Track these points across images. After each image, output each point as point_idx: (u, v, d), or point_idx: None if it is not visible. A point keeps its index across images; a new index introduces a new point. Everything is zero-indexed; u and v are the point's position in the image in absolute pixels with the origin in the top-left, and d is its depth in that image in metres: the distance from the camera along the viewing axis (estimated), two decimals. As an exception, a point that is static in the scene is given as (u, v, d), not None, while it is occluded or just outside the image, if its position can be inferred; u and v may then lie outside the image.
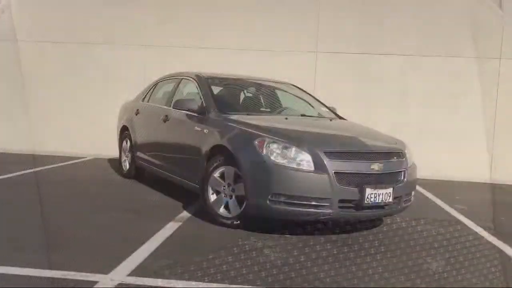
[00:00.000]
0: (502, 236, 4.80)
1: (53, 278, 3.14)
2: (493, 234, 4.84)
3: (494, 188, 8.01)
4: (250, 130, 4.49)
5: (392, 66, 9.17)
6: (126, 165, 6.98)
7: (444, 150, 9.01)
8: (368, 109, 9.14)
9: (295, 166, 4.11)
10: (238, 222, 4.47)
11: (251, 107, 5.67)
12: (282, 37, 9.35)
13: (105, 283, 3.11)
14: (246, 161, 4.27)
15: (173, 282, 3.18)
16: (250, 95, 5.97)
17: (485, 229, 5.05)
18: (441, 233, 4.84)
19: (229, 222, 4.52)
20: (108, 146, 9.50)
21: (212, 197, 4.67)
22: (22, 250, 3.62)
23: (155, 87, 6.78)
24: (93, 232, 4.24)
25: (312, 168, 4.10)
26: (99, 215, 4.80)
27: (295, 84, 6.47)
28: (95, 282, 3.11)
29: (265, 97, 5.90)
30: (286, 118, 5.21)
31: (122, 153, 7.13)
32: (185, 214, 5.03)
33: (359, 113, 8.40)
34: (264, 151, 4.19)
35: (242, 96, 5.92)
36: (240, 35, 9.46)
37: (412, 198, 4.79)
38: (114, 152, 9.28)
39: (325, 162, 4.10)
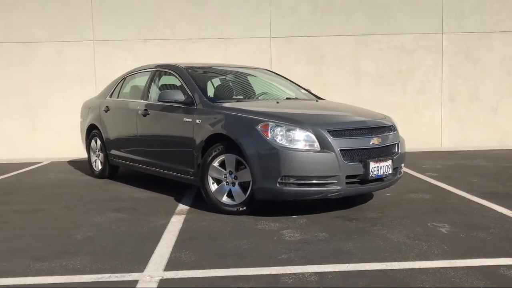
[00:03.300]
0: (484, 196, 5.17)
1: (89, 283, 3.04)
2: (476, 196, 5.21)
3: (450, 155, 8.53)
4: (249, 116, 4.49)
5: (344, 47, 9.45)
6: (98, 165, 6.72)
7: (397, 123, 9.44)
8: (325, 90, 9.34)
9: (301, 147, 4.19)
10: (244, 208, 4.50)
11: (237, 94, 5.65)
12: (235, 24, 9.35)
13: (146, 281, 3.05)
14: (250, 147, 4.28)
15: (212, 272, 3.17)
16: (231, 82, 5.95)
17: (466, 191, 5.41)
18: (431, 199, 5.12)
19: (234, 209, 4.53)
20: (62, 149, 9.15)
21: (213, 186, 4.66)
22: (42, 260, 3.45)
23: (123, 82, 6.56)
24: (101, 233, 4.10)
25: (319, 148, 4.20)
26: (96, 217, 4.62)
27: (268, 69, 6.54)
28: (136, 281, 3.05)
29: (246, 83, 5.90)
30: (278, 102, 5.27)
31: (92, 153, 6.85)
32: (183, 206, 4.98)
33: (317, 94, 8.60)
34: (269, 136, 4.23)
35: (224, 84, 5.87)
36: (191, 24, 9.34)
37: (403, 170, 5.03)
38: (72, 154, 8.97)
39: (330, 141, 4.21)
